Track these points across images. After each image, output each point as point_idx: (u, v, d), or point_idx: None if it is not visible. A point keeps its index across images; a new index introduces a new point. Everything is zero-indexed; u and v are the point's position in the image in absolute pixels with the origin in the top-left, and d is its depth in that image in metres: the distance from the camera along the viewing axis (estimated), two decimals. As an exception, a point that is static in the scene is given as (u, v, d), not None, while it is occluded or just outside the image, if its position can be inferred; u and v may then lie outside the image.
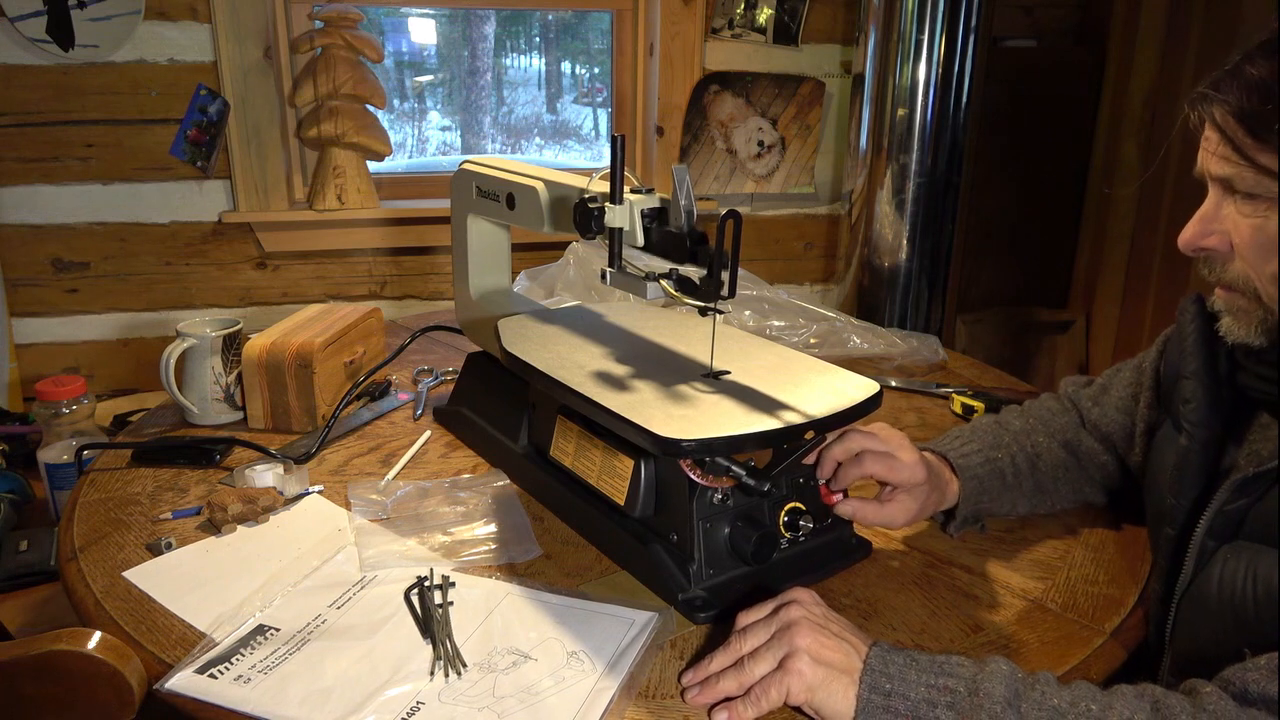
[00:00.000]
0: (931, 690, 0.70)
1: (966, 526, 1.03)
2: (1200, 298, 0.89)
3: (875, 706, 0.70)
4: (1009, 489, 1.02)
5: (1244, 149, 0.72)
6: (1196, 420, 0.85)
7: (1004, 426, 1.07)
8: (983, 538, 1.04)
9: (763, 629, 0.78)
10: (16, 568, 1.38)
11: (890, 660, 0.72)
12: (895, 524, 0.96)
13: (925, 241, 2.36)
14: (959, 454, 1.02)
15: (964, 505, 1.00)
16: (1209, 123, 0.75)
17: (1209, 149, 0.75)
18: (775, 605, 0.80)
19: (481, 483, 1.12)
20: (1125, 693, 0.69)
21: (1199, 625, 0.80)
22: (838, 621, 0.78)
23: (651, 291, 0.90)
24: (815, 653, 0.74)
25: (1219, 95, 0.73)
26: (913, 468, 0.95)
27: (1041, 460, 1.04)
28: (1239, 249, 0.75)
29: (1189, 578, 0.81)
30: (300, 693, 0.76)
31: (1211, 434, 0.85)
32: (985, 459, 1.01)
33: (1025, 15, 2.74)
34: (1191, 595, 0.81)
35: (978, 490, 1.00)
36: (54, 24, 2.10)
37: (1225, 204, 0.76)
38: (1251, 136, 0.71)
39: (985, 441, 1.04)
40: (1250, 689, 0.66)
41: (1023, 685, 0.69)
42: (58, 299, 2.31)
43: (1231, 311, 0.79)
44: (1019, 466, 1.03)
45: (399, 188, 2.56)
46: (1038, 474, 1.04)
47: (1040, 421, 1.08)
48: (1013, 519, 1.07)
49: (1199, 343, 0.87)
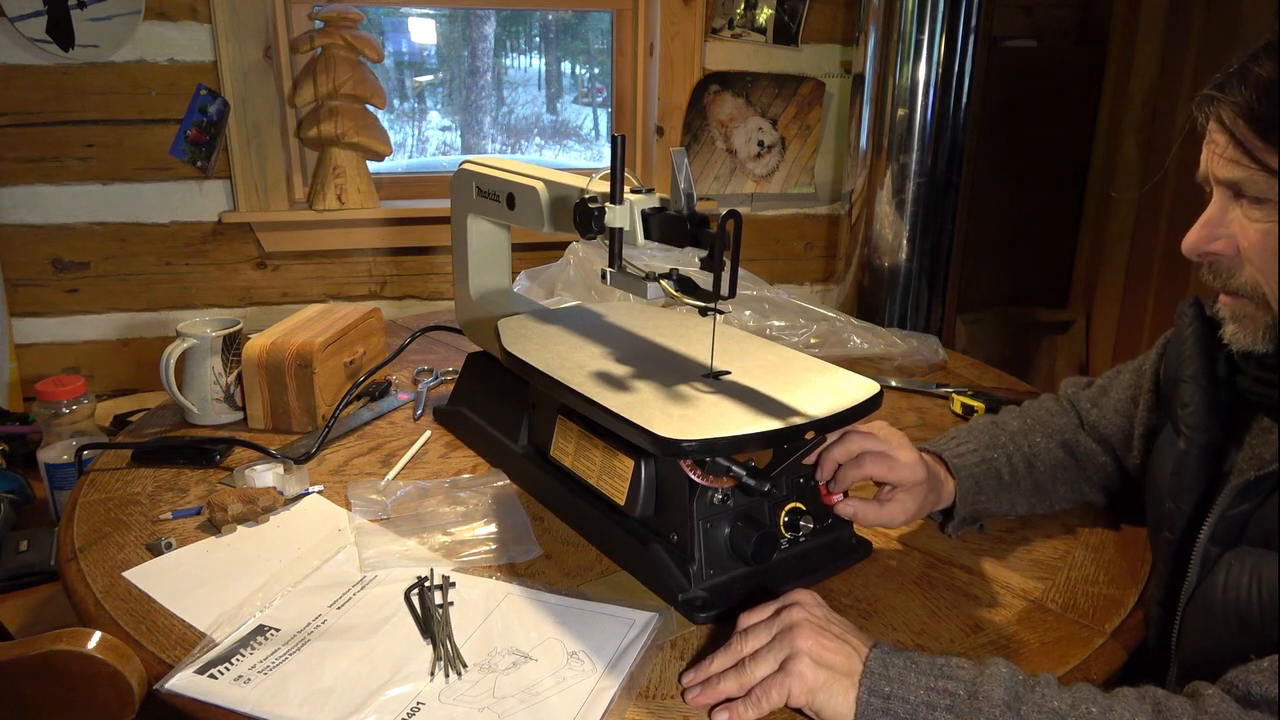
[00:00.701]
0: (931, 693, 0.70)
1: (965, 527, 1.03)
2: (1199, 301, 0.89)
3: (875, 709, 0.70)
4: (1006, 489, 1.02)
5: (1253, 151, 0.70)
6: (1195, 424, 0.85)
7: (1001, 427, 1.07)
8: (983, 537, 1.04)
9: (764, 630, 0.78)
10: (16, 568, 1.38)
11: (890, 663, 0.72)
12: (895, 523, 0.96)
13: (925, 241, 2.36)
14: (954, 454, 1.02)
15: (961, 505, 1.00)
16: (1216, 125, 0.74)
17: (1216, 152, 0.74)
18: (777, 607, 0.80)
19: (481, 483, 1.12)
20: (1127, 695, 0.68)
21: (1205, 632, 0.80)
22: (839, 623, 0.78)
23: (651, 291, 0.90)
24: (816, 655, 0.74)
25: (1226, 97, 0.72)
26: (912, 467, 0.95)
27: (1039, 460, 1.04)
28: (1247, 254, 0.74)
29: (1194, 584, 0.80)
30: (300, 693, 0.76)
31: (1210, 438, 0.84)
32: (981, 459, 1.02)
33: (1025, 15, 2.74)
34: (1197, 602, 0.80)
35: (974, 490, 1.00)
36: (54, 24, 2.10)
37: (1232, 208, 0.74)
38: (1261, 139, 0.70)
39: (981, 441, 1.04)
40: (1253, 691, 0.66)
41: (1023, 688, 0.69)
42: (58, 299, 2.31)
43: (1237, 319, 0.78)
44: (1016, 467, 1.03)
45: (399, 188, 2.56)
46: (1035, 474, 1.04)
47: (1038, 422, 1.07)
48: (1013, 520, 1.07)
49: (1197, 346, 0.86)
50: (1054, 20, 2.77)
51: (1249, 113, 0.70)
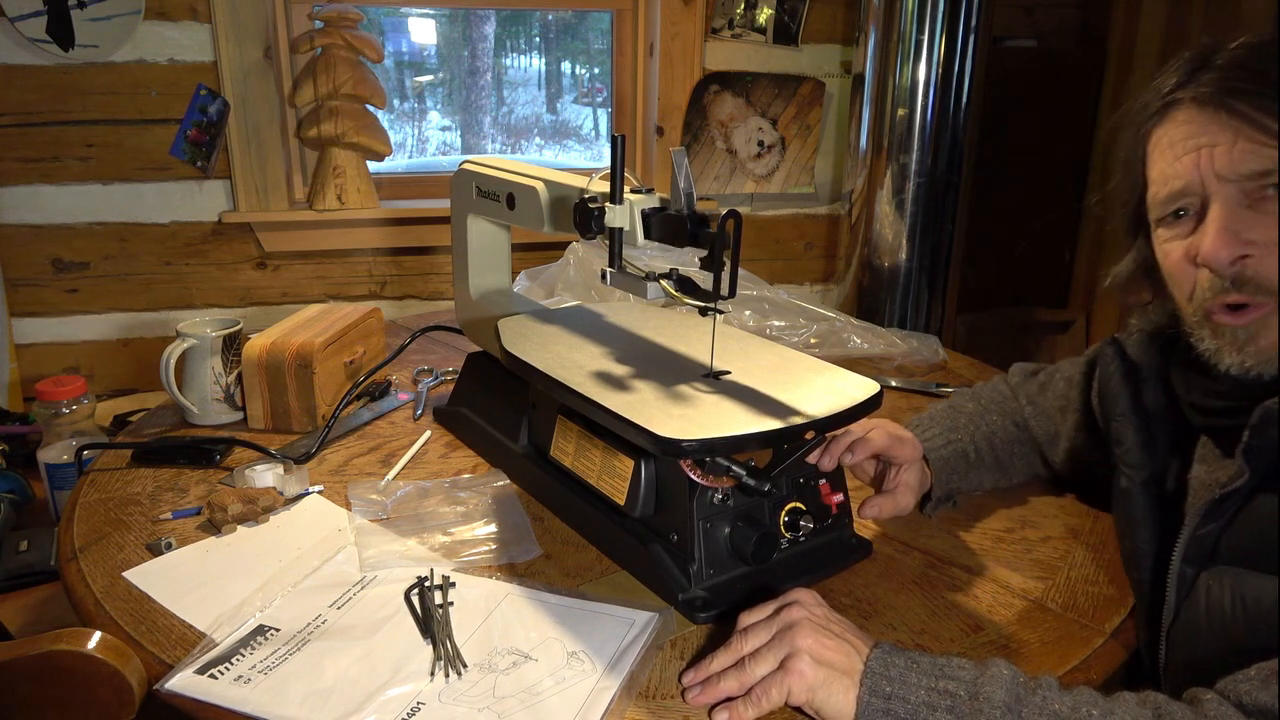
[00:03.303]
0: (932, 694, 0.70)
1: (940, 506, 1.07)
2: (1117, 340, 0.92)
3: (875, 709, 0.70)
4: (973, 467, 1.07)
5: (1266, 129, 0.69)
6: (1133, 461, 0.87)
7: (959, 410, 1.12)
8: (983, 538, 1.04)
9: (764, 629, 0.78)
10: (16, 568, 1.38)
11: (891, 662, 0.72)
12: (908, 508, 1.01)
13: (925, 241, 2.36)
14: (923, 438, 1.07)
15: (937, 487, 1.05)
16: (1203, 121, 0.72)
17: (1214, 149, 0.72)
18: (777, 606, 0.80)
19: (481, 483, 1.12)
20: (1128, 699, 0.68)
21: (1193, 654, 0.79)
22: (839, 623, 0.78)
23: (651, 291, 0.90)
24: (816, 654, 0.74)
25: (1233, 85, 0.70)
26: (912, 443, 1.02)
27: (997, 438, 1.10)
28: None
29: (1174, 608, 0.80)
30: (300, 693, 0.76)
31: (1151, 472, 0.86)
32: (947, 441, 1.07)
33: (1025, 15, 2.74)
34: (1180, 626, 0.80)
35: (946, 471, 1.05)
36: (54, 24, 2.10)
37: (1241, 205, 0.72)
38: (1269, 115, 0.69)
39: (944, 425, 1.09)
40: (1244, 700, 0.66)
41: (1024, 690, 0.69)
42: (58, 299, 2.31)
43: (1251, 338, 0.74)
44: (979, 446, 1.08)
45: (399, 188, 2.56)
46: (996, 451, 1.09)
47: (992, 402, 1.13)
48: (1013, 519, 1.08)
49: (1123, 384, 0.89)
50: (1054, 20, 2.77)
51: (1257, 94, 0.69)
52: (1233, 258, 0.72)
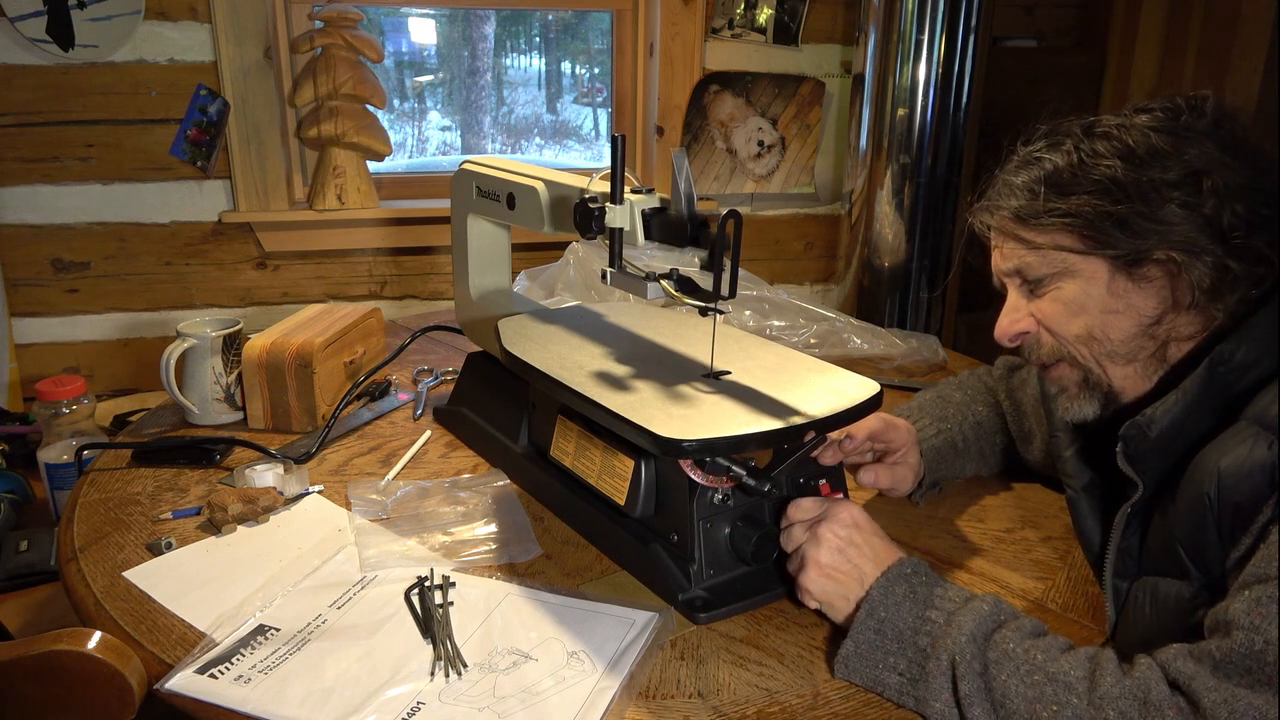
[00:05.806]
0: (917, 620, 0.78)
1: (928, 492, 1.11)
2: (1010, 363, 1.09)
3: (868, 629, 0.79)
4: (960, 455, 1.12)
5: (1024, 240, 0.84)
6: (1070, 472, 0.93)
7: (946, 400, 1.16)
8: (983, 538, 1.04)
9: (799, 531, 0.87)
10: (16, 568, 1.38)
11: (891, 590, 0.80)
12: (906, 486, 1.06)
13: (925, 241, 2.36)
14: (915, 427, 1.09)
15: (927, 475, 1.09)
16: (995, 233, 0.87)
17: (999, 251, 0.87)
18: (819, 513, 0.87)
19: (481, 483, 1.12)
20: (1080, 653, 0.73)
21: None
22: (861, 546, 0.84)
23: (651, 291, 0.90)
24: (826, 571, 0.83)
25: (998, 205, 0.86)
26: (906, 429, 1.07)
27: (983, 428, 1.14)
28: (1046, 323, 0.85)
29: (1113, 621, 0.85)
30: (300, 693, 0.76)
31: (1087, 481, 0.91)
32: (938, 430, 1.11)
33: (1025, 15, 2.74)
34: (1119, 638, 0.84)
35: (936, 460, 1.09)
36: (54, 24, 2.10)
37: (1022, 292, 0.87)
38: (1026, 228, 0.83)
39: (934, 415, 1.13)
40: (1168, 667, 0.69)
41: (992, 625, 0.75)
42: (58, 299, 2.31)
43: (1062, 390, 0.88)
44: (966, 435, 1.12)
45: (399, 188, 2.56)
46: (980, 441, 1.14)
47: (978, 392, 1.17)
48: (1013, 519, 1.08)
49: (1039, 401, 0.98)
50: (1054, 20, 2.77)
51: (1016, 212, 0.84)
52: (1009, 337, 0.88)
